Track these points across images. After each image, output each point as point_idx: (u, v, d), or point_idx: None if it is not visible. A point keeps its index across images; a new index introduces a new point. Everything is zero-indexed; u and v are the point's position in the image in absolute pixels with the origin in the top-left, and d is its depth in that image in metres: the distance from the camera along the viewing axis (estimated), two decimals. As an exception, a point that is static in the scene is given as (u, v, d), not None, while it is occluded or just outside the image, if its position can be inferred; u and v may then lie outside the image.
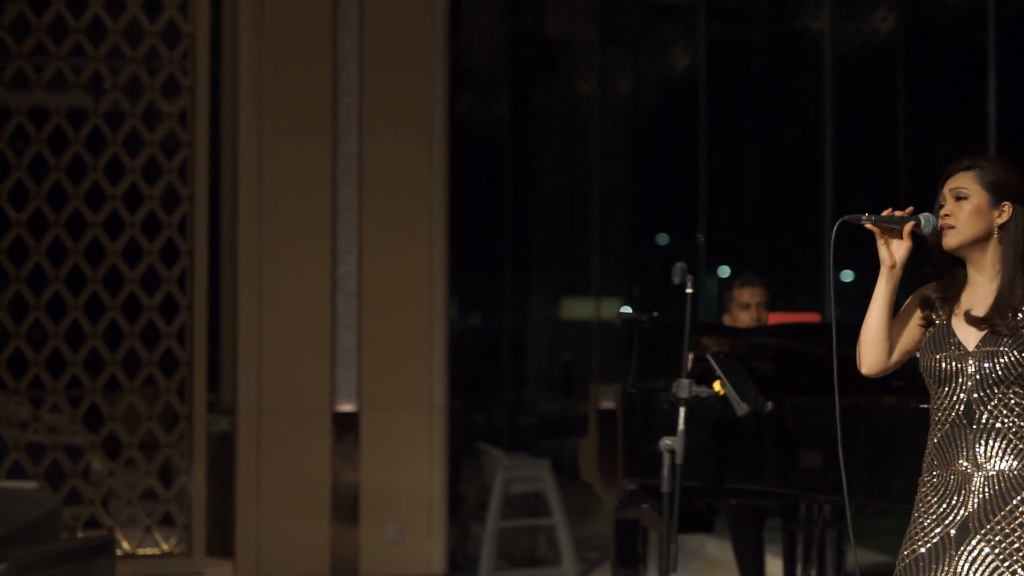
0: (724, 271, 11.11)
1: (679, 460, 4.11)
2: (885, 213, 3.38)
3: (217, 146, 7.75)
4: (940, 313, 3.48)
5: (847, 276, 9.32)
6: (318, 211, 7.43)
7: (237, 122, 7.47)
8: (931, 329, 3.47)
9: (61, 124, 7.29)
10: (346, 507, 7.41)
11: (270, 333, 7.35)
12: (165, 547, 7.38)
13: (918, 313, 3.51)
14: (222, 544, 7.51)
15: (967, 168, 3.44)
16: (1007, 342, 3.34)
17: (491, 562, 7.71)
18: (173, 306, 7.40)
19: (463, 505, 8.54)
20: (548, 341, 13.36)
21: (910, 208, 3.40)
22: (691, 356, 5.33)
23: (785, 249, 10.00)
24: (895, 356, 3.52)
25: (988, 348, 3.35)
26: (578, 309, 12.89)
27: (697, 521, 5.77)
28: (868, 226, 3.39)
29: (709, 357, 3.95)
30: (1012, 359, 3.32)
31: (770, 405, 3.98)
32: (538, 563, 8.20)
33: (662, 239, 12.06)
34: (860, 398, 4.36)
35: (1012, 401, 3.34)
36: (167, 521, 7.45)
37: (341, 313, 7.43)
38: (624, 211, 11.98)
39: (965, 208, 3.40)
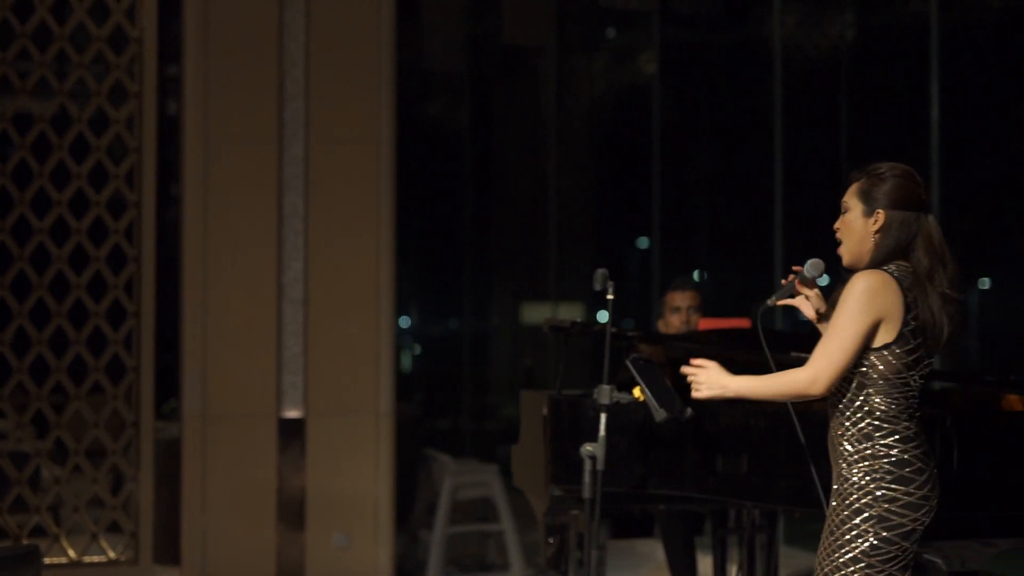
0: (696, 275, 11.10)
1: (600, 466, 4.12)
2: (783, 284, 3.64)
3: (165, 152, 7.72)
4: None
5: (824, 281, 9.32)
6: (264, 217, 7.41)
7: (183, 127, 7.46)
8: None
9: (7, 129, 7.27)
10: (292, 513, 7.39)
11: (215, 339, 7.33)
12: (112, 554, 7.35)
13: None
14: (169, 551, 7.49)
15: (852, 181, 3.50)
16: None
17: (440, 568, 7.71)
18: (120, 312, 7.39)
19: (411, 511, 8.53)
20: (509, 346, 13.36)
21: (796, 267, 3.63)
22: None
23: (741, 253, 10.02)
24: None
25: None
26: (538, 314, 12.90)
27: (634, 526, 5.79)
28: (780, 304, 3.65)
29: (628, 363, 3.96)
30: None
31: (689, 411, 3.99)
32: (487, 569, 8.20)
33: (643, 243, 12.05)
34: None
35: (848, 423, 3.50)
36: (114, 528, 7.43)
37: (287, 319, 7.41)
38: (583, 216, 11.99)
39: (846, 221, 3.46)
